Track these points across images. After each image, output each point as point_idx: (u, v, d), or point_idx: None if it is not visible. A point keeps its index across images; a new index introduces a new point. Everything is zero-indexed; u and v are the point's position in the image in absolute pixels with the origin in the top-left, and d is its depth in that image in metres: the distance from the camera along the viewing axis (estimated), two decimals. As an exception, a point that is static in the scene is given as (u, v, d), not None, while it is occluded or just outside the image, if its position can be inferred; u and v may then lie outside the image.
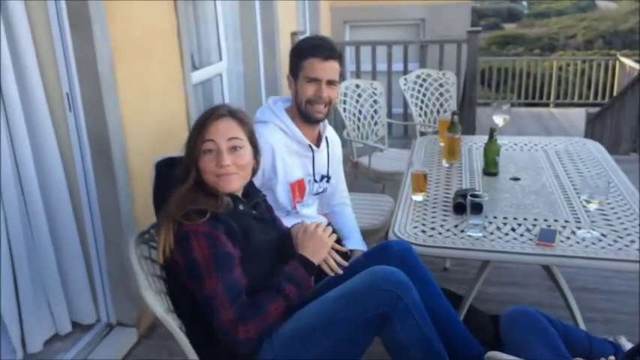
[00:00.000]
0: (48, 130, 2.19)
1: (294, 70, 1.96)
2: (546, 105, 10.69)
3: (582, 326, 2.21)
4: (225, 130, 1.54)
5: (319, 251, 1.59)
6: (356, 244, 2.13)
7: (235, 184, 1.57)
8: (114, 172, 2.30)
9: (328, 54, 1.91)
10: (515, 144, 2.92)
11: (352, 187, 3.37)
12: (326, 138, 2.08)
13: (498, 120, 2.81)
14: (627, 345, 1.70)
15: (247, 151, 1.60)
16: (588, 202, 1.89)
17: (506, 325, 1.58)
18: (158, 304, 1.50)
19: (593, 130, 7.41)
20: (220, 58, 3.98)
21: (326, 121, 2.07)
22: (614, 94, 10.00)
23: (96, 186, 2.34)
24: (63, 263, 2.34)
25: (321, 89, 1.91)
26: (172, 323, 1.51)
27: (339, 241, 2.17)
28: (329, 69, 1.91)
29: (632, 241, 1.85)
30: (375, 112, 3.72)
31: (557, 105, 10.68)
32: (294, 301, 1.52)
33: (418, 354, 1.52)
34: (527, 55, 16.06)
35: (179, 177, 1.55)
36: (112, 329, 2.52)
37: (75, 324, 2.45)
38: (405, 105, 5.28)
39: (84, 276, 2.41)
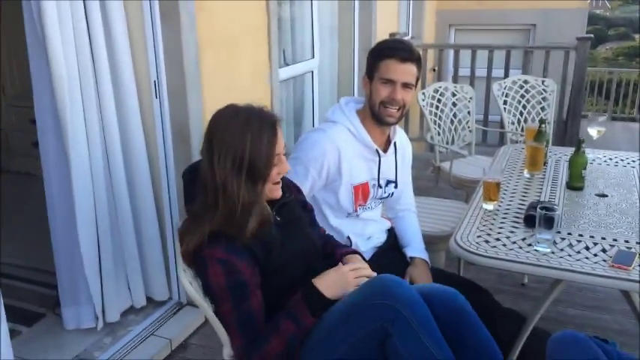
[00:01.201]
0: (135, 116, 2.35)
1: (370, 70, 1.94)
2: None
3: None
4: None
5: (336, 286, 1.50)
6: (416, 251, 2.07)
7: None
8: (191, 160, 2.41)
9: (406, 56, 1.87)
10: (610, 158, 2.70)
11: (432, 192, 3.30)
12: (394, 143, 2.04)
13: (592, 132, 2.62)
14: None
15: None
16: (674, 225, 1.72)
17: (552, 350, 1.47)
18: (194, 287, 1.53)
19: None
20: (313, 56, 4.05)
21: (397, 126, 2.03)
22: None
23: (175, 171, 2.48)
24: (142, 243, 2.50)
25: (396, 91, 1.87)
26: (207, 307, 1.53)
27: (399, 248, 2.13)
28: (405, 71, 1.88)
29: None
30: (465, 117, 3.60)
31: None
32: (293, 339, 1.45)
33: None
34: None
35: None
36: (182, 308, 2.65)
37: (149, 300, 2.61)
38: (489, 111, 5.08)
39: (160, 256, 2.56)
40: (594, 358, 1.38)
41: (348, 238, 2.00)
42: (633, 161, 2.67)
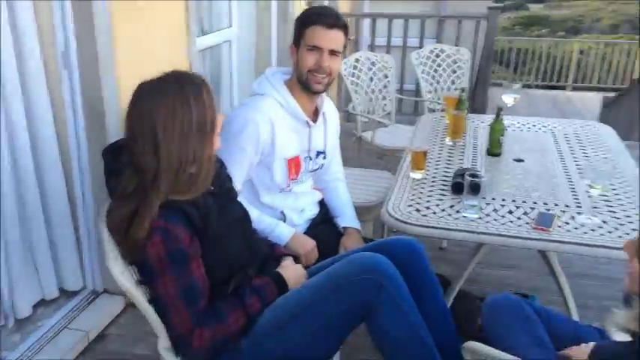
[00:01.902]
0: (41, 88, 2.15)
1: (297, 38, 1.89)
2: (563, 88, 10.48)
3: (575, 312, 2.17)
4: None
5: (298, 280, 1.58)
6: (348, 221, 2.08)
7: None
8: (106, 139, 2.24)
9: (332, 22, 1.83)
10: (523, 124, 2.84)
11: (354, 162, 3.32)
12: (323, 113, 2.02)
13: (508, 99, 2.72)
14: (614, 333, 1.64)
15: None
16: (591, 186, 1.83)
17: (488, 313, 1.54)
18: (125, 277, 1.44)
19: (608, 114, 7.25)
20: (230, 24, 3.90)
21: (324, 95, 2.01)
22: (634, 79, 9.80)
23: (88, 151, 2.31)
24: (52, 229, 2.31)
25: (323, 58, 1.84)
26: (140, 297, 1.45)
27: (330, 219, 2.14)
28: (332, 38, 1.84)
29: (634, 230, 1.78)
30: (385, 86, 3.64)
31: (574, 88, 10.47)
32: (256, 316, 1.46)
33: (405, 345, 1.46)
34: (551, 37, 15.69)
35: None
36: (98, 296, 2.50)
37: (62, 290, 2.43)
38: (418, 81, 5.19)
39: (72, 243, 2.38)
40: (526, 316, 1.45)
41: (282, 212, 1.97)
42: (544, 126, 2.82)
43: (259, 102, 1.86)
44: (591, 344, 1.38)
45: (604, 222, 1.84)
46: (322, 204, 2.15)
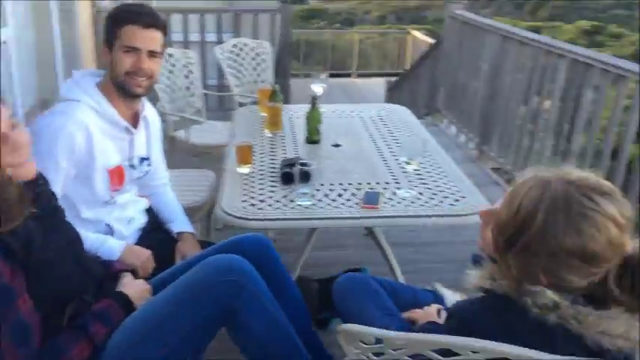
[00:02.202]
0: None
1: (110, 38, 1.73)
2: (349, 75, 11.32)
3: (401, 279, 2.36)
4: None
5: (142, 297, 1.48)
6: (182, 226, 1.99)
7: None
8: None
9: (151, 21, 1.72)
10: (333, 112, 2.99)
11: (169, 164, 3.18)
12: (145, 117, 1.89)
13: (317, 89, 2.84)
14: (443, 291, 1.83)
15: None
16: (408, 163, 2.00)
17: (339, 294, 1.60)
18: None
19: (392, 97, 8.00)
20: (5, 24, 3.45)
21: (144, 98, 1.88)
22: (408, 64, 10.98)
23: None
24: None
25: (141, 60, 1.71)
26: None
27: (161, 226, 2.02)
28: (151, 38, 1.72)
29: (446, 197, 2.00)
30: (192, 82, 3.54)
31: (359, 75, 11.36)
32: (103, 343, 1.34)
33: (271, 340, 1.45)
34: (329, 28, 16.81)
35: None
36: None
37: None
38: (220, 75, 5.15)
39: None
40: (375, 291, 1.54)
41: (109, 225, 1.80)
42: (352, 112, 3.01)
43: (71, 109, 1.67)
44: (434, 306, 1.52)
45: (420, 194, 2.03)
46: (149, 211, 2.02)
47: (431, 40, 9.32)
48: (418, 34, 10.54)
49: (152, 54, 1.73)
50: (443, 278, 1.85)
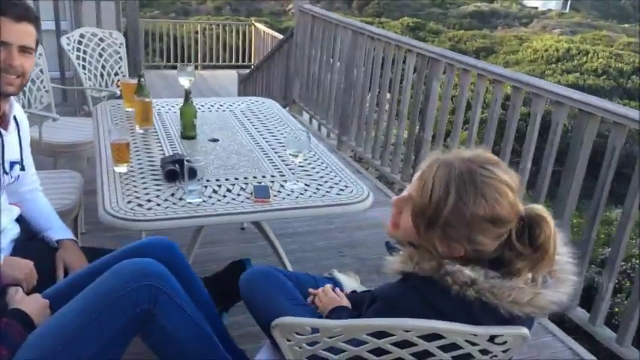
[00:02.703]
0: None
1: None
2: (196, 68, 11.02)
3: (290, 269, 2.41)
4: None
5: (42, 313, 1.37)
6: (61, 233, 1.82)
7: None
8: None
9: (22, 14, 1.55)
10: (202, 105, 2.92)
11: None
12: (14, 118, 1.70)
13: (184, 82, 2.74)
14: (339, 276, 1.92)
15: None
16: (295, 155, 2.04)
17: (246, 287, 1.60)
18: None
19: (245, 89, 7.99)
20: None
21: (12, 98, 1.69)
22: (252, 56, 11.03)
23: None
24: None
25: (12, 56, 1.54)
26: None
27: (35, 235, 1.84)
28: (22, 32, 1.55)
29: (331, 187, 2.08)
30: (38, 75, 3.22)
31: (204, 67, 11.14)
32: None
33: (190, 342, 1.41)
34: (164, 18, 16.15)
35: None
36: None
37: None
38: (62, 68, 4.75)
39: None
40: (282, 282, 1.56)
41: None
42: (221, 105, 2.97)
43: None
44: (328, 285, 1.58)
45: (307, 185, 2.09)
46: (20, 220, 1.83)
47: (275, 33, 9.48)
48: (262, 27, 10.62)
49: (24, 49, 1.57)
50: (321, 266, 1.93)
